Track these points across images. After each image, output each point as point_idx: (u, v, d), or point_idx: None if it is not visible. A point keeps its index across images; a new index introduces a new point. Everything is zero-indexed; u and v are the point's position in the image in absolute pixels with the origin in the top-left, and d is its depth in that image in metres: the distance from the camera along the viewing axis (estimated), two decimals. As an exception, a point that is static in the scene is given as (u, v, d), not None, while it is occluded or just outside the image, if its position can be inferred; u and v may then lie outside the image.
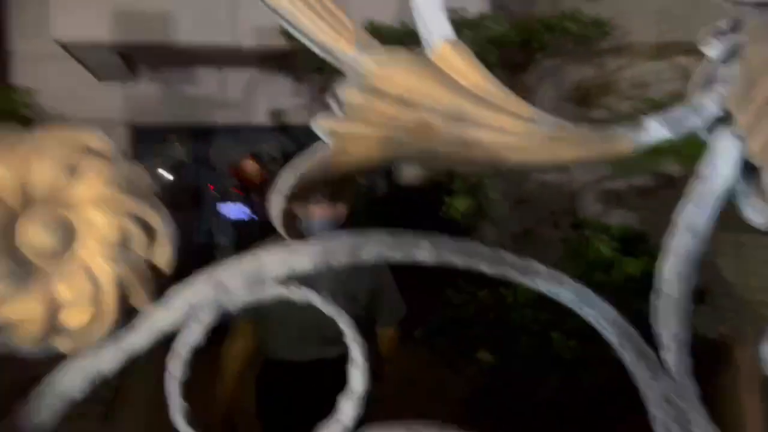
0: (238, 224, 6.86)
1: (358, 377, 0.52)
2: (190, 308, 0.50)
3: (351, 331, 0.53)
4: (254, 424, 2.17)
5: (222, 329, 1.09)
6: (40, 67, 5.62)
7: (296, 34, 0.55)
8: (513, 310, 3.35)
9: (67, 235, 0.45)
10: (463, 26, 4.12)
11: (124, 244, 0.46)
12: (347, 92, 0.54)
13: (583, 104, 4.56)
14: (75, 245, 0.46)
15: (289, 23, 0.55)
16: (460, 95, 0.54)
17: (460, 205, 3.91)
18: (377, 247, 0.53)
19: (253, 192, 6.86)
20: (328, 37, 0.54)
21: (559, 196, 4.64)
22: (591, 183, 4.42)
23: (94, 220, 0.45)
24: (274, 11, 0.54)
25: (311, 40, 0.55)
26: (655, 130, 0.54)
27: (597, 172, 4.19)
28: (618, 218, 4.20)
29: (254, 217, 7.06)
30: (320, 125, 0.55)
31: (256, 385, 2.20)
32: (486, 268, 0.57)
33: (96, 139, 0.47)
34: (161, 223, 0.49)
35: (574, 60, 4.61)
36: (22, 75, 5.60)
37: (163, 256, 0.50)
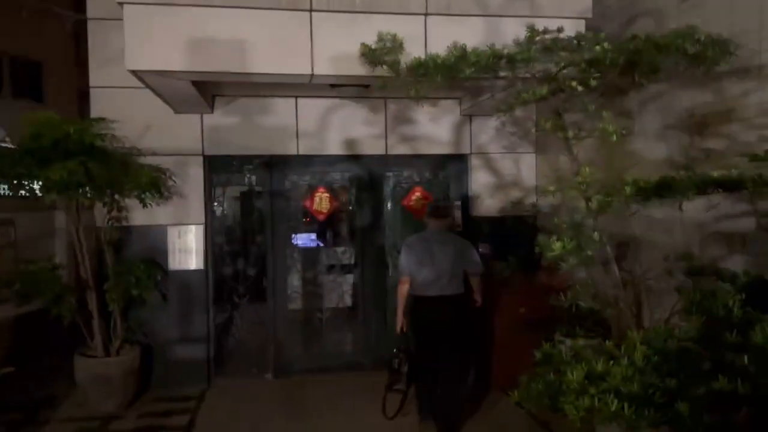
0: (305, 252, 6.68)
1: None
2: None
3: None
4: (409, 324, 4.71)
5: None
6: (118, 99, 5.62)
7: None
8: (630, 375, 2.84)
9: None
10: (559, 48, 3.73)
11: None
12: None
13: (696, 133, 4.03)
14: None
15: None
16: None
17: (556, 245, 3.44)
18: None
19: (323, 222, 6.66)
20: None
21: (670, 238, 4.10)
22: (709, 223, 3.86)
23: None
24: None
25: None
26: None
27: (717, 210, 3.64)
28: (741, 264, 3.62)
29: (320, 244, 6.85)
30: None
31: (413, 309, 4.66)
32: None
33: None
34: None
35: (686, 83, 4.09)
36: (100, 107, 5.61)
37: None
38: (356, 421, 5.05)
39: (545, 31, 3.77)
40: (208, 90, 5.54)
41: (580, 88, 3.54)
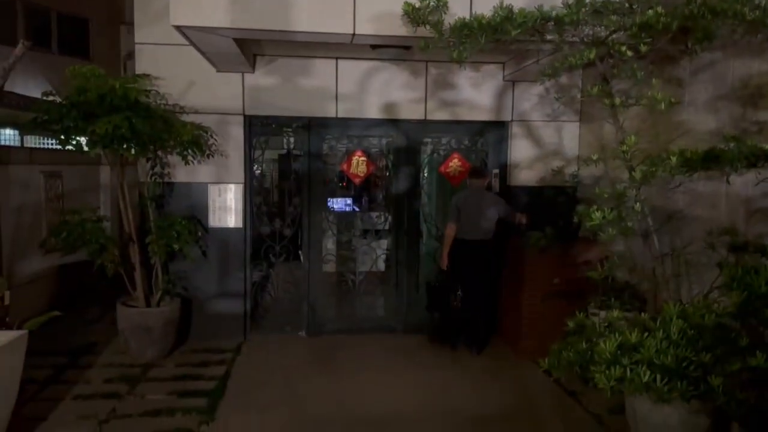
0: (340, 215, 6.75)
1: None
2: None
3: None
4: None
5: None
6: (162, 56, 5.69)
7: None
8: (664, 347, 2.81)
9: None
10: (609, 11, 3.60)
11: None
12: None
13: (750, 104, 3.87)
14: None
15: None
16: None
17: (596, 214, 3.38)
18: None
19: (359, 186, 6.69)
20: None
21: (714, 213, 3.98)
22: (756, 198, 3.74)
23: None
24: None
25: None
26: None
27: (766, 184, 3.50)
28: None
29: (356, 208, 6.89)
30: None
31: (451, 249, 5.78)
32: None
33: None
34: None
35: (742, 52, 3.91)
36: (144, 64, 5.69)
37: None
38: (385, 376, 5.17)
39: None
40: (249, 48, 5.56)
41: (629, 54, 3.43)
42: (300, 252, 6.54)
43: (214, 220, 6.04)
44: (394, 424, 4.22)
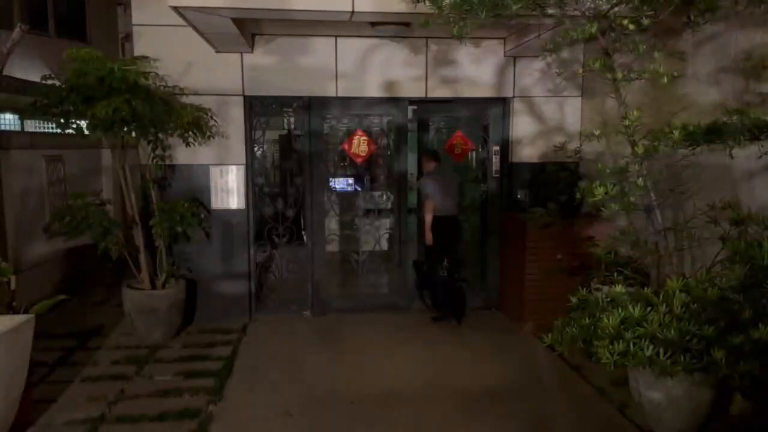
0: (342, 195, 6.75)
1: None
2: None
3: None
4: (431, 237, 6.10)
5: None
6: (160, 37, 5.64)
7: None
8: (667, 321, 2.82)
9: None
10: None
11: None
12: None
13: (753, 76, 3.84)
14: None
15: None
16: None
17: (598, 190, 3.38)
18: None
19: (360, 166, 6.68)
20: None
21: (717, 186, 3.97)
22: (759, 170, 3.72)
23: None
24: None
25: None
26: None
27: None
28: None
29: (358, 188, 6.89)
30: None
31: (432, 223, 6.06)
32: None
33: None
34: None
35: (745, 23, 3.87)
36: (143, 45, 5.64)
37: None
38: (390, 353, 5.23)
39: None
40: (247, 28, 5.51)
41: (631, 27, 3.39)
42: (303, 232, 6.56)
43: (217, 202, 6.05)
44: (400, 401, 4.27)
